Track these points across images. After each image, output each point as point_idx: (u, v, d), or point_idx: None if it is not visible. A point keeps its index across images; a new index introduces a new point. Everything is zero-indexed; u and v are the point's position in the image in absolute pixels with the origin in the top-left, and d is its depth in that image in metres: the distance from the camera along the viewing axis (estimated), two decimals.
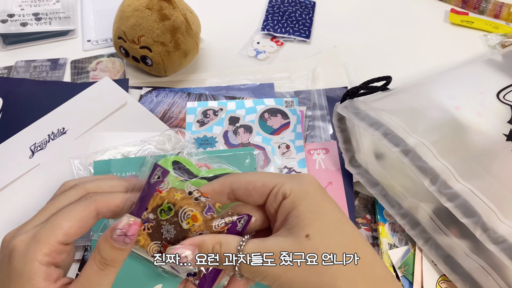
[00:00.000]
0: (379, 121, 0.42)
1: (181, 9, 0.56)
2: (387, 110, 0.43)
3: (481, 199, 0.36)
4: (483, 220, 0.35)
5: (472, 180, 0.37)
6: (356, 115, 0.43)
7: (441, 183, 0.37)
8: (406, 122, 0.41)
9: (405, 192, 0.46)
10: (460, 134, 0.41)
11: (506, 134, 0.41)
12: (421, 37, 0.69)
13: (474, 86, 0.46)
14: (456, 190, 0.37)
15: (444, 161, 0.38)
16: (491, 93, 0.45)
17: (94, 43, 0.66)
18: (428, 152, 0.39)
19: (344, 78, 0.62)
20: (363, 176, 0.49)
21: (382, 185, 0.48)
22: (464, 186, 0.37)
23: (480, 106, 0.43)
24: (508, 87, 0.45)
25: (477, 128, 0.41)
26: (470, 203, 0.36)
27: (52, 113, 0.55)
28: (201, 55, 0.65)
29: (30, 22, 0.66)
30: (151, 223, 0.30)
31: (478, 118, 0.42)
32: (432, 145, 0.39)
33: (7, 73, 0.62)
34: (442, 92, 0.45)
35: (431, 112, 0.43)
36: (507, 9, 0.71)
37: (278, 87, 0.61)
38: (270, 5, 0.72)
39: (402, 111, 0.43)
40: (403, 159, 0.39)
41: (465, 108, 0.43)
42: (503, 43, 0.67)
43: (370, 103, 0.44)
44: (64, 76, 0.62)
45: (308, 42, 0.68)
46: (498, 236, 0.35)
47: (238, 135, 0.54)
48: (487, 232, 0.35)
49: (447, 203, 0.37)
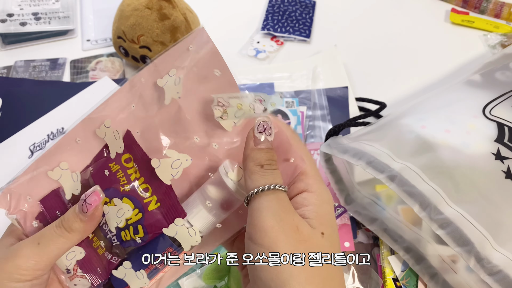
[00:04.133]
0: (361, 150, 0.40)
1: (181, 8, 0.56)
2: (370, 139, 0.42)
3: (474, 225, 0.35)
4: (476, 249, 0.34)
5: (463, 204, 0.36)
6: (338, 149, 0.42)
7: (431, 209, 0.36)
8: (389, 148, 0.40)
9: (406, 222, 0.44)
10: (448, 155, 0.39)
11: (494, 153, 0.39)
12: (421, 37, 0.69)
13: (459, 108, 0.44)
14: (447, 215, 0.35)
15: (433, 184, 0.37)
16: (477, 112, 0.43)
17: (93, 43, 0.66)
18: (415, 176, 0.37)
19: (345, 77, 0.61)
20: (360, 214, 0.47)
21: (381, 219, 0.46)
22: (456, 211, 0.35)
23: (467, 126, 0.41)
24: (492, 101, 0.43)
25: (465, 149, 0.39)
26: (462, 230, 0.34)
27: (51, 113, 0.55)
28: None
29: (30, 22, 0.66)
30: None
31: (466, 137, 0.40)
32: (419, 169, 0.37)
33: (7, 73, 0.62)
34: (426, 117, 0.43)
35: (415, 136, 0.41)
36: (507, 9, 0.71)
37: (278, 87, 0.61)
38: (270, 4, 0.72)
39: (384, 139, 0.41)
40: (390, 185, 0.38)
41: (453, 130, 0.41)
42: (503, 42, 0.66)
43: (352, 138, 0.43)
44: (63, 76, 0.62)
45: (308, 41, 0.68)
46: (492, 266, 0.33)
47: None
48: (481, 262, 0.34)
49: (438, 230, 0.35)
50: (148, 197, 0.31)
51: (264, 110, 0.27)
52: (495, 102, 0.43)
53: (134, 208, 0.30)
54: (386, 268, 0.44)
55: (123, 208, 0.30)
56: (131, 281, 0.31)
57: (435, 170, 0.38)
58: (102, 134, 0.32)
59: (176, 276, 0.34)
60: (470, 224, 0.35)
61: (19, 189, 0.32)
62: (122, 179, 0.31)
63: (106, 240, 0.31)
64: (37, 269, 0.29)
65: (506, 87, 0.46)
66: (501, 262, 0.34)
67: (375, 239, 0.47)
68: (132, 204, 0.30)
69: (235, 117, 0.28)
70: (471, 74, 0.50)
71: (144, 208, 0.30)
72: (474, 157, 0.39)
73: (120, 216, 0.30)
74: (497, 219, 0.36)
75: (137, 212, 0.30)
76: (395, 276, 0.43)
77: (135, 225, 0.30)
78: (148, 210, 0.30)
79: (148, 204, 0.30)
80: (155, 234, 0.30)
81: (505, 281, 0.33)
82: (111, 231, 0.31)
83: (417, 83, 0.62)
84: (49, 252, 0.29)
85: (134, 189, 0.31)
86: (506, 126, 0.41)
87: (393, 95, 0.60)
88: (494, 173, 0.38)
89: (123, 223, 0.30)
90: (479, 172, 0.38)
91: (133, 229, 0.30)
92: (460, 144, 0.39)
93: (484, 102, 0.43)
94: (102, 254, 0.32)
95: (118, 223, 0.30)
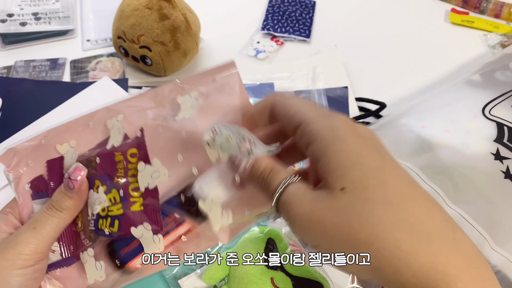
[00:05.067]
0: None
1: (181, 8, 0.56)
2: None
3: (473, 225, 0.35)
4: None
5: (462, 204, 0.36)
6: None
7: None
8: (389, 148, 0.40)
9: None
10: (447, 155, 0.39)
11: (493, 153, 0.39)
12: (421, 37, 0.69)
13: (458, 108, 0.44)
14: None
15: (433, 184, 0.37)
16: (476, 112, 0.43)
17: (93, 43, 0.66)
18: (415, 176, 0.37)
19: (345, 77, 0.61)
20: None
21: None
22: (455, 211, 0.36)
23: (467, 126, 0.42)
24: (492, 101, 0.44)
25: (464, 149, 0.40)
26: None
27: (51, 113, 0.55)
28: (201, 55, 0.65)
29: (30, 22, 0.66)
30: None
31: (466, 137, 0.40)
32: (418, 169, 0.38)
33: (7, 73, 0.62)
34: (425, 117, 0.43)
35: (415, 136, 0.41)
36: (507, 9, 0.71)
37: (278, 87, 0.61)
38: (270, 4, 0.72)
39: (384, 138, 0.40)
40: None
41: (453, 130, 0.41)
42: (503, 42, 0.66)
43: None
44: (63, 76, 0.62)
45: (308, 41, 0.68)
46: (491, 266, 0.34)
47: None
48: None
49: None
50: (135, 197, 0.31)
51: (249, 153, 0.27)
52: (494, 102, 0.43)
53: (119, 202, 0.31)
54: None
55: (101, 197, 0.31)
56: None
57: (435, 170, 0.38)
58: (110, 125, 0.33)
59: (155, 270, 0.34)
60: (469, 224, 0.35)
61: (24, 152, 0.34)
62: (121, 171, 0.32)
63: (86, 221, 0.33)
64: (37, 253, 0.30)
65: (506, 87, 0.46)
66: (499, 262, 0.34)
67: None
68: (118, 198, 0.31)
69: (221, 149, 0.29)
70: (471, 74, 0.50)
71: (127, 206, 0.31)
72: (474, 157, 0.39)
73: (98, 204, 0.31)
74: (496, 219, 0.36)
75: (120, 207, 0.31)
76: None
77: (113, 218, 0.31)
78: (130, 210, 0.31)
79: (133, 204, 0.31)
80: (127, 234, 0.31)
81: (504, 281, 0.33)
82: (93, 215, 0.32)
83: (417, 83, 0.62)
84: (46, 234, 0.31)
85: (127, 185, 0.32)
86: (506, 126, 0.41)
87: (393, 95, 0.60)
88: (493, 173, 0.38)
89: (99, 211, 0.31)
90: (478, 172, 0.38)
91: (110, 221, 0.31)
92: (460, 144, 0.40)
93: (484, 102, 0.43)
94: (79, 232, 0.33)
95: (94, 211, 0.31)
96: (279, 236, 0.41)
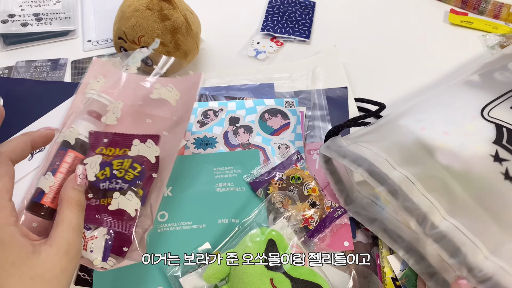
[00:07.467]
0: (361, 156, 0.40)
1: (181, 9, 0.57)
2: (369, 141, 0.42)
3: (467, 236, 0.35)
4: (468, 259, 0.34)
5: (458, 214, 0.36)
6: (338, 153, 0.42)
7: (426, 224, 0.36)
8: (388, 153, 0.40)
9: (405, 222, 0.44)
10: (446, 160, 0.39)
11: (492, 155, 0.39)
12: (420, 37, 0.69)
13: (457, 109, 0.44)
14: (442, 229, 0.36)
15: (430, 196, 0.37)
16: (475, 113, 0.43)
17: (94, 44, 0.67)
18: (412, 188, 0.37)
19: (344, 78, 0.62)
20: (360, 214, 0.47)
21: (381, 219, 0.46)
22: (450, 223, 0.36)
23: (465, 128, 0.41)
24: (491, 103, 0.43)
25: (463, 151, 0.39)
26: (455, 242, 0.35)
27: (51, 113, 0.55)
28: (201, 56, 0.65)
29: (31, 23, 0.67)
30: (282, 182, 0.48)
31: (465, 139, 0.40)
32: (416, 179, 0.38)
33: (8, 73, 0.62)
34: (424, 118, 0.43)
35: (414, 139, 0.41)
36: (506, 10, 0.71)
37: (278, 87, 0.61)
38: (270, 5, 0.72)
39: (383, 141, 0.41)
40: (390, 199, 0.38)
41: (451, 132, 0.41)
42: (502, 43, 0.67)
43: (352, 139, 0.43)
44: (64, 76, 0.62)
45: (308, 42, 0.68)
46: (483, 274, 0.34)
47: (238, 136, 0.54)
48: (472, 272, 0.34)
49: (433, 244, 0.36)
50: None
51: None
52: (494, 103, 0.43)
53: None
54: (385, 268, 0.44)
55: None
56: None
57: (432, 180, 0.38)
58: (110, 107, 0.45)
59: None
60: (463, 235, 0.35)
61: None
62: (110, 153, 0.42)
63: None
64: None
65: (505, 87, 0.46)
66: (491, 270, 0.34)
67: (374, 239, 0.47)
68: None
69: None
70: (470, 75, 0.50)
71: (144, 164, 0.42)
72: (473, 159, 0.39)
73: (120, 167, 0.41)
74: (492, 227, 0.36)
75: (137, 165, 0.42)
76: (394, 276, 0.44)
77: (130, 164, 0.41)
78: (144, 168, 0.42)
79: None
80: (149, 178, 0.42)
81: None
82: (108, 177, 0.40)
83: (416, 83, 0.63)
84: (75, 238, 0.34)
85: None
86: (505, 127, 0.41)
87: (393, 95, 0.61)
88: (492, 175, 0.38)
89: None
90: (477, 175, 0.38)
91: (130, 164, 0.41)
92: (459, 146, 0.39)
93: (483, 103, 0.44)
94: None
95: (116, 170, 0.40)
96: (280, 237, 0.42)
